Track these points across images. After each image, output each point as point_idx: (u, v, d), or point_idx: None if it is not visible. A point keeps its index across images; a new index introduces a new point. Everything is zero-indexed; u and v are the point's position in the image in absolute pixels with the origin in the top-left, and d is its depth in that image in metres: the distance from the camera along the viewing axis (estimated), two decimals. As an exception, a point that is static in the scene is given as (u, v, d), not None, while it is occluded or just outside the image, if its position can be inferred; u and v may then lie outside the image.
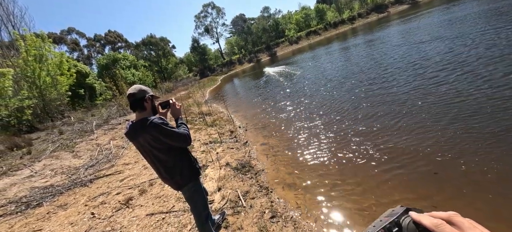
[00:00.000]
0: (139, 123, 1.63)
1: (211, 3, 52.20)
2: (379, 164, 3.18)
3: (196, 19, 53.07)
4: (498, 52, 5.27)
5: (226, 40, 59.22)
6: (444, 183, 2.52)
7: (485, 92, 3.91)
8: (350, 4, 51.62)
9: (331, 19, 48.38)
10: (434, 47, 7.66)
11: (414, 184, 2.64)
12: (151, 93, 1.80)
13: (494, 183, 2.32)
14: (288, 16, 57.80)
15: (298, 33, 48.57)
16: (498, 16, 8.60)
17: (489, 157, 2.63)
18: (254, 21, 55.73)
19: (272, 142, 5.10)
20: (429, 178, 2.64)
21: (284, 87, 10.82)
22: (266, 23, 53.60)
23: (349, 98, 6.07)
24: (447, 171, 2.64)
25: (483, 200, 2.19)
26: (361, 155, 3.54)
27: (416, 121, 3.84)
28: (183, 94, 20.76)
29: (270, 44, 48.60)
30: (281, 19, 56.21)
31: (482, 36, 6.88)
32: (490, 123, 3.14)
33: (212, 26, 54.54)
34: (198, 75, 46.69)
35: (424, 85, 5.06)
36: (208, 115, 8.83)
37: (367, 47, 13.30)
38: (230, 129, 6.52)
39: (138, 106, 1.70)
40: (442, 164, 2.77)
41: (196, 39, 52.15)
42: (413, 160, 3.01)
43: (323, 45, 25.35)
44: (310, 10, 55.82)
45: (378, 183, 2.86)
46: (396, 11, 38.22)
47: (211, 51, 59.33)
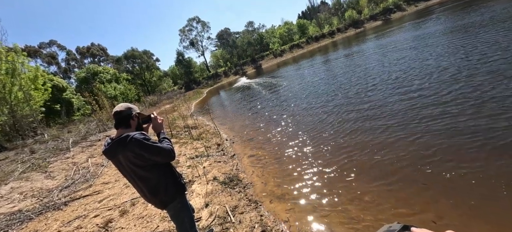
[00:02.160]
0: (119, 140, 1.54)
1: (196, 17, 52.66)
2: (368, 176, 3.24)
3: (180, 33, 53.06)
4: (468, 64, 5.75)
5: (211, 53, 59.54)
6: (432, 192, 2.61)
7: (456, 101, 4.21)
8: (329, 20, 54.46)
9: (313, 33, 50.55)
10: (408, 60, 8.22)
11: (405, 196, 2.64)
12: (137, 110, 1.76)
13: (477, 189, 2.45)
14: (272, 30, 59.62)
15: (282, 47, 50.07)
16: (462, 32, 9.47)
17: (474, 164, 2.80)
18: (239, 35, 56.79)
19: (260, 154, 5.07)
20: (418, 188, 2.67)
21: (270, 98, 10.96)
22: (251, 37, 54.80)
23: (335, 110, 6.26)
24: (434, 182, 2.70)
25: (470, 206, 2.30)
26: (348, 166, 3.61)
27: (401, 133, 4.02)
28: (168, 108, 20.29)
29: (255, 57, 49.53)
30: (265, 33, 57.80)
31: (452, 50, 7.50)
32: (470, 133, 3.36)
33: (197, 39, 54.73)
34: (183, 88, 46.09)
35: (404, 98, 5.36)
36: (194, 129, 8.65)
37: (347, 60, 13.98)
38: (217, 142, 6.42)
39: (123, 123, 1.65)
40: (429, 176, 2.84)
41: (181, 52, 51.91)
42: (401, 172, 3.03)
43: (306, 58, 26.26)
44: (292, 25, 58.07)
45: (368, 195, 2.91)
46: (371, 26, 40.85)
47: (197, 64, 59.16)
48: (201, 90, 36.22)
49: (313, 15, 58.57)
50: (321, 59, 19.97)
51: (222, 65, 56.31)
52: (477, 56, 5.92)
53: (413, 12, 37.56)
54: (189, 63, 52.19)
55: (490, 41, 6.73)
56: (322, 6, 61.01)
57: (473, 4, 17.33)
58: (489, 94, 4.00)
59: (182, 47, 53.24)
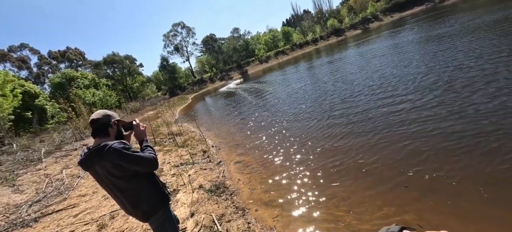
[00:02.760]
0: (96, 149, 1.45)
1: (181, 22, 52.06)
2: (353, 180, 3.31)
3: (164, 38, 52.08)
4: (443, 70, 6.17)
5: (197, 59, 58.89)
6: (415, 194, 2.72)
7: (433, 107, 4.49)
8: (312, 28, 56.27)
9: (297, 41, 51.87)
10: (388, 67, 8.67)
11: (390, 198, 2.71)
12: (117, 117, 1.66)
13: (453, 189, 2.60)
14: (257, 37, 60.40)
15: (267, 53, 50.77)
16: (436, 41, 10.20)
17: (452, 166, 2.97)
18: (225, 40, 56.85)
19: (247, 160, 5.03)
20: (401, 190, 2.77)
21: (256, 104, 10.99)
22: (237, 43, 55.06)
23: (320, 115, 6.40)
24: (415, 184, 2.82)
25: (447, 205, 2.43)
26: (334, 170, 3.68)
27: (383, 138, 4.18)
28: (151, 114, 19.64)
29: (241, 63, 49.73)
30: (251, 39, 58.38)
31: (428, 58, 8.02)
32: (448, 137, 3.58)
33: (182, 45, 53.97)
34: (168, 93, 44.97)
35: (386, 104, 5.62)
36: (178, 135, 8.42)
37: (331, 66, 14.46)
38: (202, 149, 6.29)
39: (101, 132, 1.56)
40: (411, 178, 2.95)
41: (165, 58, 50.85)
42: (385, 175, 3.12)
43: (291, 64, 26.81)
44: (277, 32, 59.26)
45: (353, 199, 2.97)
46: (352, 35, 42.78)
47: (181, 69, 58.15)
48: (186, 96, 35.55)
49: (297, 23, 60.22)
50: (306, 65, 20.48)
51: (207, 70, 55.85)
52: (453, 63, 6.36)
53: (389, 22, 39.91)
54: (173, 68, 51.18)
55: (463, 49, 7.29)
56: (305, 14, 63.01)
57: (442, 16, 18.81)
58: (464, 100, 4.30)
59: (166, 52, 52.25)
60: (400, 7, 44.43)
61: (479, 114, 3.65)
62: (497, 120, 3.35)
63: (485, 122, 3.41)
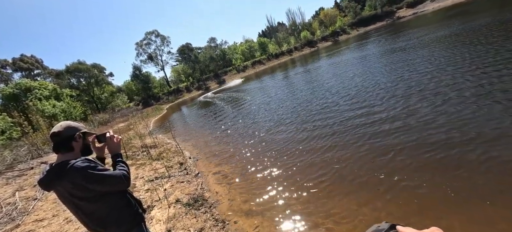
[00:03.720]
0: (56, 168, 1.30)
1: (154, 31, 50.45)
2: (331, 184, 3.44)
3: (137, 46, 49.91)
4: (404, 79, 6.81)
5: (172, 68, 57.24)
6: (386, 195, 2.91)
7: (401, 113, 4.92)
8: (287, 39, 58.55)
9: (273, 51, 53.45)
10: (358, 76, 9.33)
11: (365, 201, 2.85)
12: (83, 129, 1.52)
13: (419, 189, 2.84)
14: (234, 47, 60.98)
15: (244, 62, 51.36)
16: (399, 52, 11.27)
17: (421, 167, 3.24)
18: (202, 50, 56.32)
19: (226, 170, 4.96)
20: (375, 193, 2.93)
21: (234, 113, 10.97)
22: (214, 52, 54.87)
23: (296, 123, 6.60)
24: (386, 186, 3.04)
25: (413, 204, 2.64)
26: (312, 176, 3.80)
27: (356, 144, 4.45)
28: (122, 126, 18.42)
29: (218, 72, 49.53)
30: (228, 49, 58.69)
31: (397, 68, 8.80)
32: (413, 142, 3.92)
33: (156, 53, 52.14)
34: (141, 104, 42.70)
35: (358, 113, 6.00)
36: (153, 148, 8.01)
37: (305, 75, 15.11)
38: (179, 161, 6.05)
39: (64, 147, 1.40)
40: (383, 181, 3.16)
41: (138, 67, 48.55)
42: (359, 179, 3.29)
43: (268, 74, 27.44)
44: (253, 43, 60.49)
45: (331, 203, 3.07)
46: (323, 46, 45.48)
47: (156, 79, 55.95)
48: (161, 106, 34.11)
49: (272, 34, 62.20)
50: (282, 75, 21.12)
51: (183, 80, 54.49)
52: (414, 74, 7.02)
53: (356, 35, 43.30)
54: (147, 78, 49.01)
55: (423, 60, 8.14)
56: (280, 26, 65.42)
57: (401, 31, 20.94)
58: (430, 108, 4.78)
59: (139, 61, 49.97)
60: (365, 22, 48.64)
61: (443, 121, 4.07)
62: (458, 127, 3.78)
63: (447, 128, 3.83)
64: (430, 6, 39.61)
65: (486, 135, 3.19)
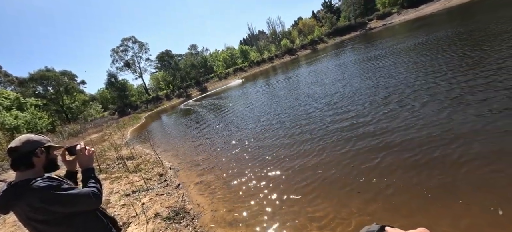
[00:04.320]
0: (13, 188, 1.16)
1: (132, 37, 48.68)
2: (313, 189, 3.49)
3: (113, 53, 47.67)
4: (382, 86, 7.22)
5: (151, 76, 55.35)
6: (364, 196, 3.02)
7: (377, 118, 5.18)
8: (268, 47, 59.78)
9: (254, 58, 54.13)
10: (337, 83, 9.73)
11: (346, 202, 2.95)
12: (47, 143, 1.36)
13: (397, 190, 2.97)
14: (215, 54, 60.79)
15: (226, 70, 51.30)
16: (374, 60, 11.98)
17: (395, 170, 3.40)
18: (182, 57, 55.31)
19: (209, 179, 4.82)
20: (355, 196, 3.03)
21: (216, 121, 10.81)
22: (195, 60, 54.15)
23: (280, 130, 6.66)
24: (366, 189, 3.17)
25: (391, 204, 2.76)
26: (294, 183, 3.83)
27: (338, 149, 4.58)
28: (95, 137, 17.27)
29: (200, 80, 48.85)
30: (209, 56, 58.33)
31: (374, 75, 9.30)
32: (389, 146, 4.12)
33: (134, 60, 50.17)
34: (117, 113, 40.57)
35: (337, 118, 6.22)
36: (130, 159, 7.57)
37: (286, 82, 15.45)
38: (158, 172, 5.77)
39: (23, 164, 1.24)
40: (362, 184, 3.30)
41: (113, 74, 46.26)
42: (341, 184, 3.36)
43: (250, 81, 27.63)
44: (235, 50, 60.85)
45: (313, 207, 3.11)
46: (303, 54, 47.12)
47: (133, 86, 53.66)
48: (139, 115, 32.62)
49: (253, 42, 63.15)
50: (264, 82, 21.37)
51: (163, 87, 52.87)
52: (390, 80, 7.47)
53: (333, 44, 45.54)
54: (123, 85, 46.79)
55: (396, 67, 8.72)
56: (261, 34, 66.64)
57: (373, 41, 22.38)
58: (407, 113, 5.09)
59: (115, 68, 47.66)
60: (340, 32, 51.44)
61: (419, 124, 4.36)
62: (432, 129, 4.06)
63: (423, 132, 4.10)
64: (397, 18, 43.15)
65: (460, 136, 3.44)
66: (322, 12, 66.64)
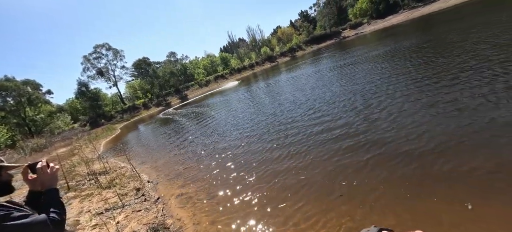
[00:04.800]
0: None
1: (105, 44, 46.36)
2: (297, 196, 3.50)
3: (84, 61, 44.85)
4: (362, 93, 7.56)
5: (127, 84, 52.83)
6: (349, 200, 3.08)
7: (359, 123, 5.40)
8: (248, 54, 60.49)
9: (235, 66, 54.30)
10: (316, 88, 10.04)
11: (329, 206, 2.98)
12: (1, 163, 1.19)
13: (376, 191, 3.08)
14: (195, 61, 59.99)
15: (207, 77, 50.75)
16: (350, 67, 12.59)
17: (375, 171, 3.53)
18: (161, 65, 53.71)
19: (190, 191, 4.63)
20: (337, 199, 3.08)
21: (198, 130, 10.55)
22: (174, 67, 52.86)
23: (262, 137, 6.65)
24: (348, 192, 3.26)
25: (370, 205, 2.85)
26: (278, 189, 3.81)
27: (317, 155, 4.67)
28: (63, 152, 15.89)
29: (180, 88, 47.67)
30: (189, 64, 57.37)
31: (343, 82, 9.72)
32: (366, 148, 4.29)
33: (108, 68, 47.62)
34: (88, 124, 37.88)
35: (318, 122, 6.38)
36: (103, 174, 7.05)
37: (267, 88, 15.64)
38: (135, 186, 5.43)
39: None
40: (344, 187, 3.38)
41: (85, 83, 43.37)
42: (323, 189, 3.41)
43: (231, 89, 27.55)
44: (215, 58, 60.63)
45: (298, 213, 3.11)
46: (283, 61, 48.36)
47: (107, 96, 50.73)
48: (114, 126, 30.78)
49: (234, 49, 63.50)
50: (245, 88, 21.43)
51: (141, 96, 50.67)
52: (366, 85, 7.88)
53: (310, 51, 47.42)
54: (96, 95, 44.00)
55: (370, 73, 9.23)
56: (241, 42, 67.33)
57: (345, 50, 23.66)
58: (380, 115, 5.35)
59: (86, 76, 44.79)
60: (317, 40, 53.85)
61: (395, 131, 4.61)
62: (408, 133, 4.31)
63: (400, 136, 4.33)
64: (367, 28, 46.33)
65: (433, 137, 3.70)
66: (299, 21, 69.35)
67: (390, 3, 46.02)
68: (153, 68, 50.54)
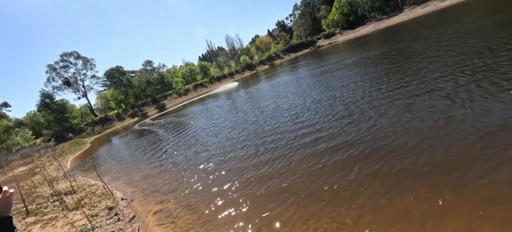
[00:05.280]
0: None
1: (74, 52, 43.34)
2: (279, 204, 3.47)
3: (49, 70, 41.34)
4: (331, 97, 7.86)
5: (98, 94, 49.55)
6: (330, 202, 3.13)
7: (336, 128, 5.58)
8: (227, 62, 60.56)
9: (215, 74, 53.90)
10: (292, 95, 10.27)
11: (314, 212, 3.01)
12: None
13: (356, 194, 3.17)
14: (173, 70, 58.49)
15: (186, 86, 49.60)
16: (325, 74, 13.11)
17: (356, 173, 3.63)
18: (136, 74, 51.43)
19: (169, 206, 4.39)
20: (319, 204, 3.13)
21: (176, 140, 10.15)
22: (150, 76, 50.93)
23: (242, 143, 6.58)
24: (329, 195, 3.32)
25: (357, 206, 2.91)
26: (260, 197, 3.77)
27: (297, 162, 4.72)
28: (22, 172, 14.24)
29: (157, 97, 45.88)
30: (167, 72, 55.75)
31: (327, 87, 10.07)
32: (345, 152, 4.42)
33: (76, 78, 44.36)
34: (53, 139, 34.64)
35: (297, 128, 6.48)
36: (69, 194, 6.41)
37: (247, 96, 15.67)
38: (107, 205, 5.00)
39: None
40: (326, 191, 3.44)
41: (49, 94, 39.84)
42: (305, 194, 3.45)
43: (212, 97, 27.17)
44: (194, 66, 59.70)
45: (283, 219, 3.09)
46: (262, 69, 49.20)
47: (75, 107, 47.07)
48: (83, 140, 28.50)
49: (213, 58, 63.17)
50: (226, 97, 21.28)
51: (114, 107, 47.80)
52: (343, 92, 8.25)
53: (288, 60, 48.92)
54: (62, 106, 40.57)
55: (345, 80, 9.68)
56: (220, 50, 67.30)
57: (321, 58, 24.79)
58: (356, 120, 5.58)
59: (52, 87, 41.22)
60: (294, 49, 55.79)
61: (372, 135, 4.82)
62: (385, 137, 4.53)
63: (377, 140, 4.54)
64: (340, 38, 49.25)
65: (408, 140, 3.94)
66: (276, 30, 71.41)
67: (359, 15, 49.61)
68: (127, 77, 48.19)
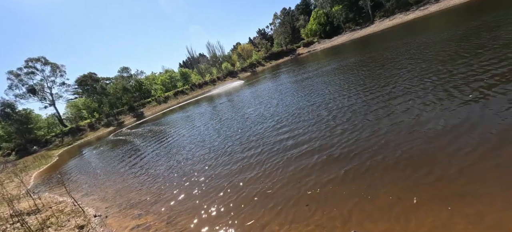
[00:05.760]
0: None
1: (41, 58, 40.11)
2: (264, 210, 3.46)
3: (11, 76, 37.73)
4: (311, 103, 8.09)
5: (68, 103, 46.10)
6: (313, 207, 3.18)
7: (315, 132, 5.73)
8: (209, 69, 60.00)
9: (196, 81, 53.02)
10: (276, 101, 10.42)
11: (298, 217, 3.06)
12: None
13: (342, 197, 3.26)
14: (152, 77, 56.58)
15: (165, 93, 48.10)
16: (306, 80, 13.51)
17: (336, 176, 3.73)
18: (111, 81, 48.84)
19: (148, 221, 4.16)
20: (304, 209, 3.18)
21: (155, 150, 9.73)
22: (127, 83, 48.67)
23: (228, 152, 6.49)
24: (313, 200, 3.38)
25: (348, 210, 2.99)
26: (244, 206, 3.73)
27: (281, 167, 4.76)
28: (-26, 191, 12.60)
29: (135, 105, 43.82)
30: (145, 79, 53.72)
31: (299, 94, 10.34)
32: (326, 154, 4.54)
33: (43, 85, 40.96)
34: (14, 153, 31.38)
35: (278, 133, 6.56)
36: (33, 214, 5.81)
37: (230, 103, 15.60)
38: (77, 224, 4.62)
39: None
40: (310, 196, 3.50)
41: (10, 103, 36.27)
42: (288, 200, 3.49)
43: (193, 104, 26.62)
44: (174, 73, 58.27)
45: (267, 229, 3.07)
46: (244, 76, 49.40)
47: (41, 117, 43.26)
48: (50, 153, 26.18)
49: (194, 64, 62.20)
50: (207, 104, 20.97)
51: (86, 116, 44.70)
52: (324, 98, 8.52)
53: (270, 67, 49.78)
54: (26, 116, 37.08)
55: (326, 86, 10.03)
56: (201, 57, 66.55)
57: (301, 65, 25.61)
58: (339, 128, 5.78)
59: (13, 95, 37.59)
60: (275, 56, 57.00)
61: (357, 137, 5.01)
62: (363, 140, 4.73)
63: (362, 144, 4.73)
64: (318, 46, 51.48)
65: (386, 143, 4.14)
66: (257, 38, 72.57)
67: (334, 25, 52.66)
68: (101, 84, 45.56)
